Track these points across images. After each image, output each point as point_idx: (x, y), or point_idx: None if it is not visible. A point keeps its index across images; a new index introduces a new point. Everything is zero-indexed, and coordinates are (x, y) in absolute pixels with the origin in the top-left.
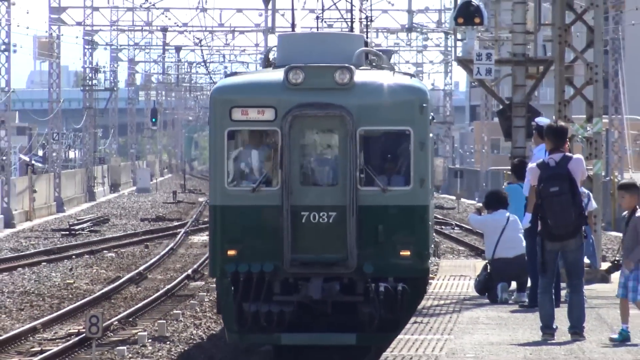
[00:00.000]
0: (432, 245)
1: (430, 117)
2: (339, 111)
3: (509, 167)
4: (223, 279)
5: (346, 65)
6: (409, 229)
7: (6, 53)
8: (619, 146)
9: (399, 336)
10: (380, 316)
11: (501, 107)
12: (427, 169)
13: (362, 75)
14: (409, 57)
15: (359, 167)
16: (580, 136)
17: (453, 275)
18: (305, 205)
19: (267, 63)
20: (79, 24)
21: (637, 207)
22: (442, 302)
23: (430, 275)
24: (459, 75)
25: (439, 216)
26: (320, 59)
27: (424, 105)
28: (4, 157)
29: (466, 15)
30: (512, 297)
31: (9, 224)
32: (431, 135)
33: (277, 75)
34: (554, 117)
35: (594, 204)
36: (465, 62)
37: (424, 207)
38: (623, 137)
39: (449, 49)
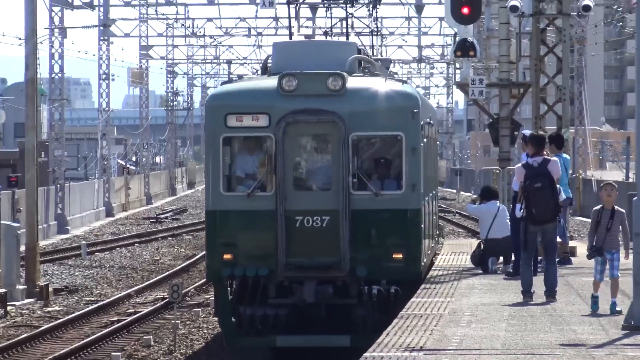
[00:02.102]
0: (437, 232)
1: (431, 124)
2: (332, 117)
3: (498, 167)
4: (219, 282)
5: (338, 72)
6: (402, 233)
7: (106, 81)
8: (582, 150)
9: (412, 299)
10: (373, 318)
11: (491, 120)
12: (419, 173)
13: (355, 82)
14: (419, 82)
15: (352, 171)
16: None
17: (454, 251)
18: (299, 209)
19: (265, 71)
20: (162, 58)
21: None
22: (445, 272)
23: (435, 252)
24: (458, 95)
25: (443, 205)
26: (314, 66)
27: (416, 110)
28: (106, 162)
29: (463, 49)
30: (500, 268)
31: (109, 214)
32: (424, 141)
33: (271, 82)
34: (531, 128)
35: (563, 195)
36: (462, 86)
37: (416, 211)
38: (586, 143)
39: (450, 75)
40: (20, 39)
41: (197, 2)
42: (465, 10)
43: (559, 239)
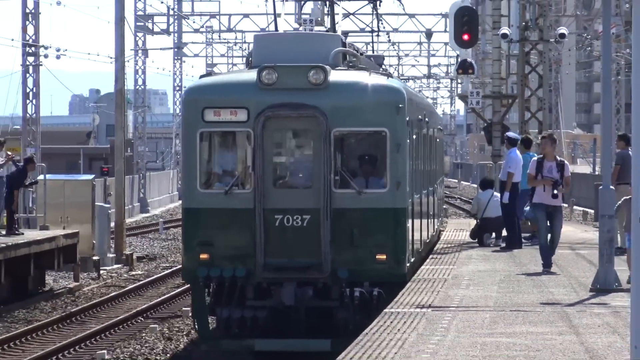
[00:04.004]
0: (436, 226)
1: (426, 121)
2: (313, 112)
3: (491, 161)
4: (195, 283)
5: (320, 64)
6: (385, 233)
7: (179, 92)
8: (558, 149)
9: (422, 266)
10: (355, 322)
11: (486, 124)
12: (405, 170)
13: (337, 75)
14: (428, 94)
15: (334, 169)
16: (535, 143)
17: (456, 229)
18: (279, 208)
19: (248, 64)
20: None
21: None
22: (449, 245)
23: (441, 229)
24: (460, 105)
25: (447, 192)
26: (296, 59)
27: (401, 105)
28: (178, 156)
29: (464, 68)
30: (493, 242)
31: (181, 197)
32: (413, 137)
33: (251, 75)
34: (518, 131)
35: None
36: (463, 97)
37: (401, 210)
38: (561, 143)
39: (453, 89)
40: (111, 58)
41: (252, 30)
42: (465, 37)
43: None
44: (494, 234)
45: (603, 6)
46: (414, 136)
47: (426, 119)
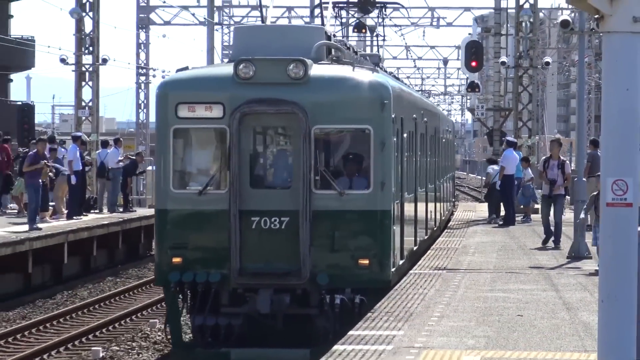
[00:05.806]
0: (453, 199)
1: (424, 120)
2: (292, 108)
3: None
4: (168, 288)
5: (300, 58)
6: (368, 236)
7: None
8: (543, 149)
9: (439, 238)
10: (335, 330)
11: (488, 131)
12: (390, 170)
13: (319, 70)
14: (444, 107)
15: (314, 168)
16: (526, 145)
17: (465, 210)
18: (255, 209)
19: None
20: None
21: None
22: (459, 223)
23: (452, 211)
24: (468, 115)
25: (458, 182)
26: (277, 52)
27: (386, 102)
28: None
29: (471, 87)
30: (493, 220)
31: None
32: (404, 136)
33: (227, 69)
34: (512, 135)
35: (530, 174)
36: (471, 109)
37: (385, 212)
38: (545, 146)
39: (464, 103)
40: None
41: None
42: (473, 64)
43: (522, 206)
44: (494, 215)
45: (579, 42)
46: (405, 135)
47: (424, 119)
